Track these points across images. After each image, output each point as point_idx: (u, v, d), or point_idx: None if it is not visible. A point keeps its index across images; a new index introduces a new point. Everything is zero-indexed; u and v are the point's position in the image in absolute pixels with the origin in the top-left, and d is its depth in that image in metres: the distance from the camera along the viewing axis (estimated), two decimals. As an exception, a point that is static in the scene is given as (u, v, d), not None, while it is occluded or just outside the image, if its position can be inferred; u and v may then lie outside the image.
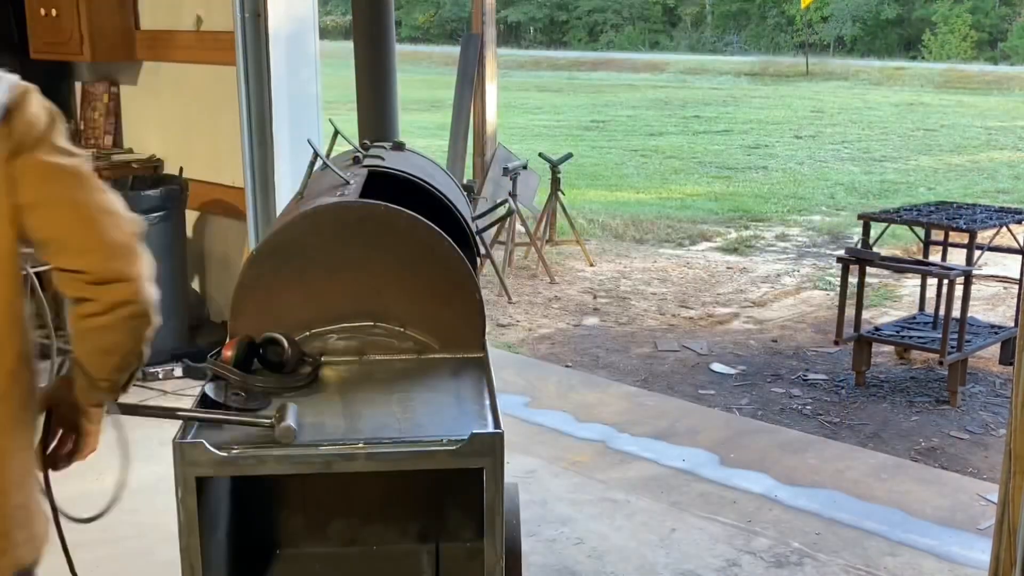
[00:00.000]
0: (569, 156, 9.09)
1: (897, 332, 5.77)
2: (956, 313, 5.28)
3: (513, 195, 8.00)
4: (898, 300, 7.46)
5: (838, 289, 6.07)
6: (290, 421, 1.91)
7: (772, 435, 4.72)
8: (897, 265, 5.92)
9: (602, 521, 3.75)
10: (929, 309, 6.09)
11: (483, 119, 8.93)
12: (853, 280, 5.60)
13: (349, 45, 3.76)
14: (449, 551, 2.55)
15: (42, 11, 5.52)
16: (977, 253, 5.36)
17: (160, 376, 5.00)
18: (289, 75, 4.94)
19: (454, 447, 1.91)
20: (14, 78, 1.70)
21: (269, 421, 1.91)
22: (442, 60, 34.22)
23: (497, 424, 1.99)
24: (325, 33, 5.70)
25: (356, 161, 2.83)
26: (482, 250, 3.21)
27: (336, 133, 2.80)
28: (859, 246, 5.69)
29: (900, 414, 5.19)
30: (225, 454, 1.88)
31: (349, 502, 2.52)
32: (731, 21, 44.85)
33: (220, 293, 5.65)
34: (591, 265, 8.52)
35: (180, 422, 2.00)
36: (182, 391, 4.81)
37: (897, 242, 8.64)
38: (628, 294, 7.66)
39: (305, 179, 2.62)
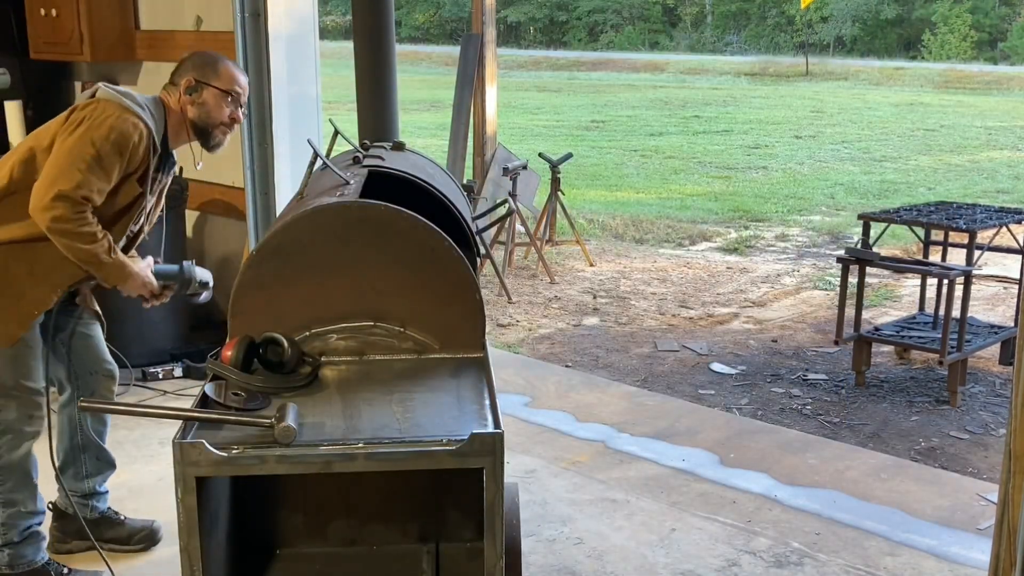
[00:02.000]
0: (569, 156, 9.09)
1: (897, 332, 5.77)
2: (956, 313, 5.28)
3: (513, 195, 8.00)
4: (898, 300, 7.47)
5: (838, 289, 6.07)
6: (290, 421, 1.91)
7: (772, 435, 4.72)
8: (897, 265, 5.92)
9: (602, 521, 3.75)
10: (929, 309, 6.09)
11: (483, 119, 8.93)
12: (853, 280, 5.60)
13: (349, 45, 3.76)
14: (449, 551, 2.55)
15: (42, 11, 5.52)
16: (977, 253, 5.35)
17: (160, 376, 5.00)
18: (289, 75, 4.94)
19: (454, 447, 1.91)
20: None
21: (269, 421, 1.91)
22: (442, 60, 34.25)
23: (497, 424, 1.99)
24: (325, 33, 5.68)
25: (356, 161, 2.84)
26: (482, 250, 3.22)
27: (336, 133, 2.80)
28: (859, 246, 5.69)
29: (900, 414, 5.19)
30: (225, 454, 1.88)
31: (349, 502, 2.52)
32: (731, 21, 44.86)
33: (220, 293, 5.65)
34: (591, 265, 8.52)
35: (180, 422, 2.00)
36: (182, 391, 4.82)
37: (897, 242, 8.64)
38: (628, 294, 7.66)
39: (305, 179, 2.62)
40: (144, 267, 3.08)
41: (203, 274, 3.28)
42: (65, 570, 3.20)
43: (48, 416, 3.09)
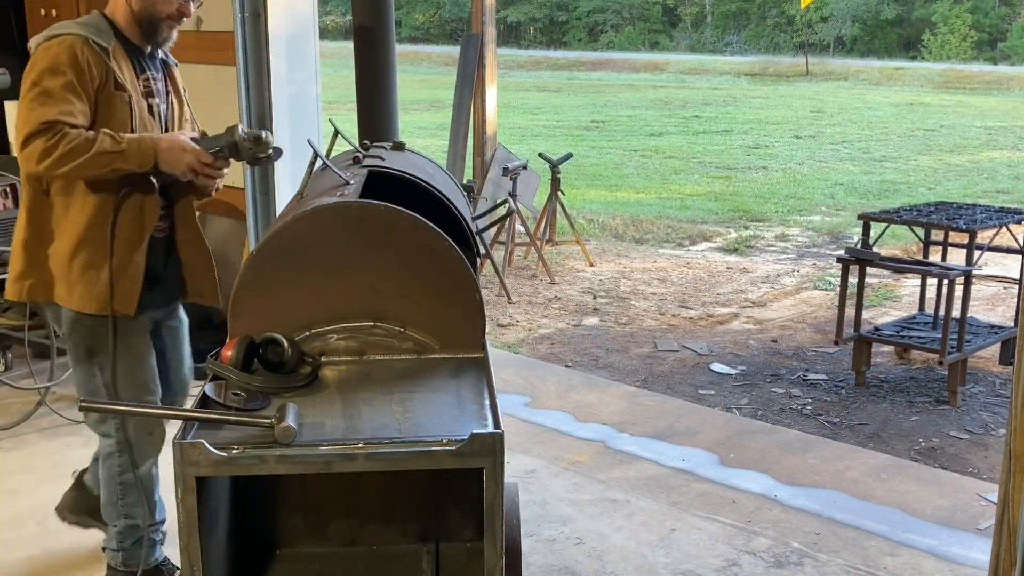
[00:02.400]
0: (569, 156, 9.09)
1: (897, 332, 5.77)
2: (956, 313, 5.28)
3: (513, 195, 7.99)
4: (898, 300, 7.47)
5: (838, 289, 6.07)
6: (290, 421, 1.91)
7: (772, 435, 4.72)
8: (897, 265, 5.92)
9: (602, 521, 3.75)
10: (929, 309, 6.09)
11: (483, 119, 8.93)
12: (853, 280, 5.60)
13: (349, 45, 3.76)
14: (449, 551, 2.55)
15: (42, 11, 5.52)
16: (977, 253, 5.36)
17: (160, 376, 4.99)
18: (289, 75, 4.94)
19: (454, 447, 1.91)
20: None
21: (269, 421, 1.91)
22: (442, 60, 34.26)
23: (497, 424, 1.99)
24: (325, 33, 5.67)
25: (356, 161, 2.83)
26: (482, 250, 3.21)
27: (336, 133, 2.80)
28: (859, 246, 5.69)
29: (900, 414, 5.19)
30: (225, 454, 1.88)
31: (349, 502, 2.52)
32: (731, 21, 44.88)
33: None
34: (591, 265, 8.52)
35: (180, 422, 2.00)
36: (182, 391, 4.81)
37: (897, 242, 8.64)
38: (628, 294, 7.66)
39: (305, 179, 2.62)
40: (174, 135, 2.88)
41: (257, 132, 2.93)
42: (177, 573, 3.17)
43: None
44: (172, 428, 2.04)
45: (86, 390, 2.95)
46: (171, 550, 3.20)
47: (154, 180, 2.90)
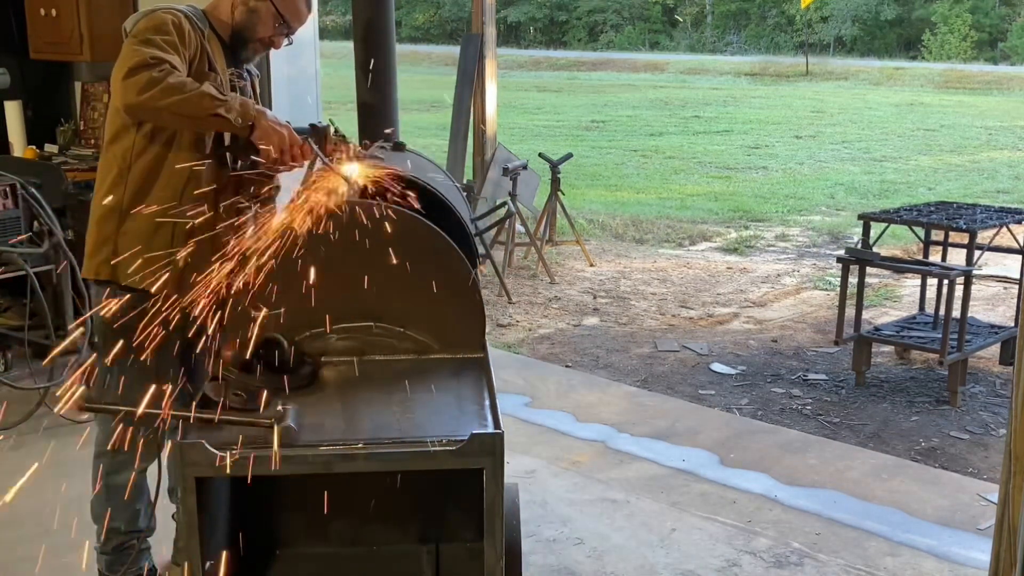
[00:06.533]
0: (569, 156, 9.08)
1: (897, 332, 5.77)
2: (956, 313, 5.28)
3: (513, 195, 7.99)
4: (898, 300, 7.46)
5: (838, 289, 6.07)
6: (290, 421, 1.91)
7: (772, 435, 4.72)
8: (897, 265, 5.92)
9: (602, 521, 3.75)
10: (929, 309, 6.09)
11: (483, 119, 8.92)
12: (853, 280, 5.60)
13: (349, 45, 3.76)
14: (449, 551, 2.55)
15: (42, 11, 5.52)
16: (977, 253, 5.35)
17: (160, 376, 4.98)
18: (289, 75, 4.94)
19: (454, 447, 1.91)
20: None
21: (269, 421, 1.91)
22: (442, 60, 34.24)
23: (497, 424, 1.99)
24: (325, 33, 5.66)
25: (356, 161, 2.82)
26: (482, 250, 3.21)
27: (336, 133, 2.80)
28: (859, 246, 5.69)
29: (900, 414, 5.19)
30: (225, 454, 1.88)
31: (349, 502, 2.52)
32: (731, 21, 44.85)
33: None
34: (591, 265, 8.52)
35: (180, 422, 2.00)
36: (182, 391, 4.81)
37: (897, 242, 8.63)
38: (628, 294, 7.66)
39: (305, 179, 2.62)
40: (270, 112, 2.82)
41: (344, 134, 2.85)
42: None
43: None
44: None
45: (98, 390, 2.90)
46: (171, 549, 3.20)
47: (228, 159, 2.84)
